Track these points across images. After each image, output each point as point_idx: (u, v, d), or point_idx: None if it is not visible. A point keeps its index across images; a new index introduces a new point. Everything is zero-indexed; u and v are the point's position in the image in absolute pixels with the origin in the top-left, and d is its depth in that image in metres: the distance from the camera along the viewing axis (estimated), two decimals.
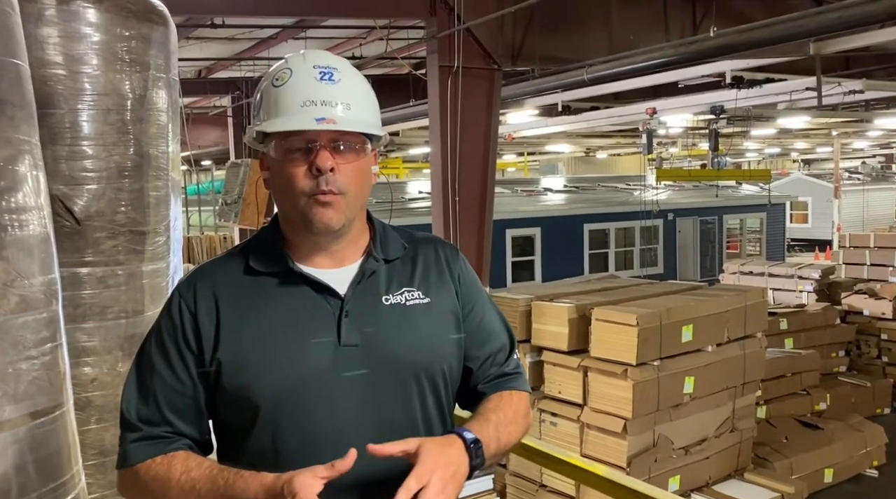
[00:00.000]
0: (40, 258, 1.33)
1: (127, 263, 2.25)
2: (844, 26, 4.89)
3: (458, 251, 1.46)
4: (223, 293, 1.28)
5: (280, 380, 1.24)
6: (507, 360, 1.43)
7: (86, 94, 2.15)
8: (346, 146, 1.25)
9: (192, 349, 1.27)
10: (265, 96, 1.27)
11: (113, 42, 2.19)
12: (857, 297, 8.37)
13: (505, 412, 1.35)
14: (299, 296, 1.27)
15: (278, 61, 1.32)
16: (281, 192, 1.27)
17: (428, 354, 1.31)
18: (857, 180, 24.80)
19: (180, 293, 1.30)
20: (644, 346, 4.65)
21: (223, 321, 1.26)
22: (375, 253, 1.33)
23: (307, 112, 1.22)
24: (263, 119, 1.26)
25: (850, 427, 6.27)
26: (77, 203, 2.15)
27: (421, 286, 1.34)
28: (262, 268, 1.29)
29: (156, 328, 1.32)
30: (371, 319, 1.28)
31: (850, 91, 8.01)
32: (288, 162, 1.24)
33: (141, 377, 1.29)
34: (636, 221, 14.83)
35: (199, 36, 7.96)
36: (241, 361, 1.24)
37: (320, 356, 1.25)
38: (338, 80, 1.25)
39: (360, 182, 1.27)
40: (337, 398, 1.24)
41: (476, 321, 1.40)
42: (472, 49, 6.17)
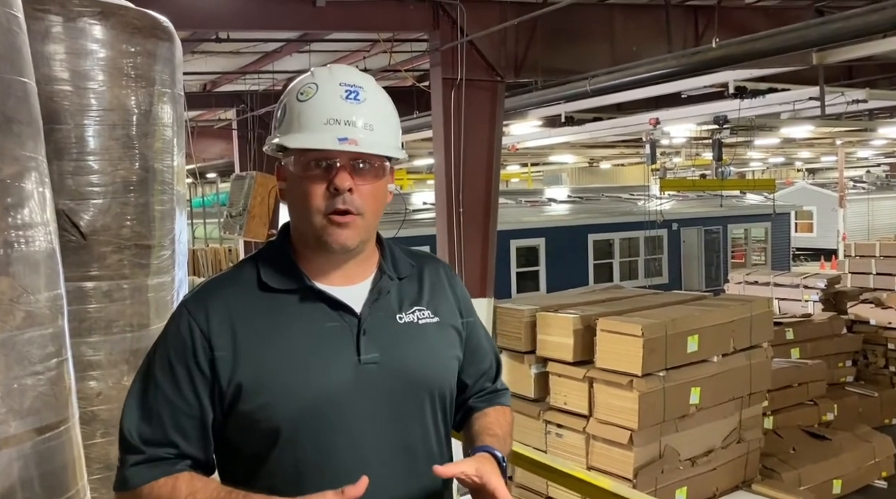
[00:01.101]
0: (46, 274, 1.34)
1: (132, 277, 2.26)
2: (847, 36, 4.89)
3: (453, 270, 1.49)
4: (238, 313, 1.25)
5: (303, 400, 1.22)
6: (497, 377, 1.48)
7: (92, 110, 2.17)
8: (365, 167, 1.24)
9: (202, 370, 1.23)
10: (289, 109, 1.26)
11: (119, 58, 2.21)
12: (863, 306, 8.34)
13: (503, 427, 1.40)
14: (317, 314, 1.26)
15: (303, 74, 1.31)
16: (297, 207, 1.26)
17: (440, 373, 1.33)
18: (861, 189, 24.73)
19: (189, 311, 1.26)
20: (649, 356, 4.64)
21: (241, 342, 1.23)
22: (389, 271, 1.33)
23: (330, 130, 1.21)
24: (285, 132, 1.25)
25: (858, 438, 6.23)
26: (83, 218, 2.16)
27: (430, 305, 1.35)
28: (276, 285, 1.27)
29: (161, 346, 1.27)
30: (388, 338, 1.28)
31: (853, 100, 8.01)
32: (306, 178, 1.23)
33: (144, 397, 1.25)
34: (640, 232, 14.82)
35: (204, 50, 8.01)
36: (264, 382, 1.21)
37: (342, 375, 1.24)
38: (363, 100, 1.24)
39: (377, 203, 1.27)
40: (358, 416, 1.24)
41: (474, 341, 1.43)
42: (476, 61, 6.20)
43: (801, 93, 8.03)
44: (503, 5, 6.29)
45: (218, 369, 1.22)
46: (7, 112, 1.23)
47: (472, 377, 1.43)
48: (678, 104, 9.51)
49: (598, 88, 6.44)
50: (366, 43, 7.89)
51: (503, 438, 1.36)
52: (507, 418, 1.44)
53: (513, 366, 5.40)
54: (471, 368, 1.42)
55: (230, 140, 11.61)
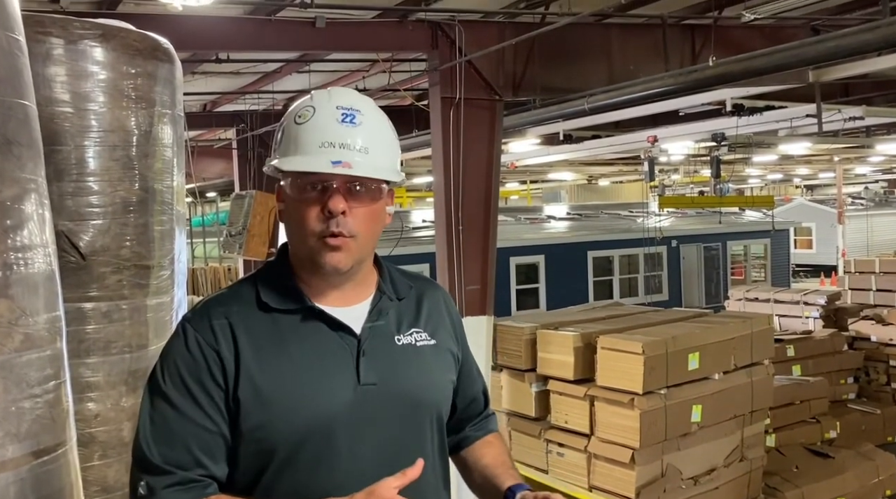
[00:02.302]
0: (45, 296, 1.34)
1: (131, 297, 2.26)
2: (842, 54, 4.93)
3: (449, 295, 1.52)
4: (240, 329, 1.25)
5: (302, 421, 1.21)
6: (486, 402, 1.53)
7: (92, 131, 2.18)
8: (361, 189, 1.24)
9: (218, 384, 1.22)
10: (286, 132, 1.27)
11: (119, 80, 2.23)
12: (864, 323, 8.32)
13: (505, 452, 1.47)
14: (317, 334, 1.26)
15: (303, 95, 1.33)
16: (293, 228, 1.27)
17: (437, 395, 1.35)
18: (860, 206, 24.77)
19: (195, 328, 1.25)
20: (650, 374, 4.62)
21: (242, 358, 1.23)
22: (388, 292, 1.34)
23: (324, 153, 1.22)
24: (282, 155, 1.26)
25: (862, 456, 6.18)
26: (82, 238, 2.16)
27: (427, 327, 1.36)
28: (276, 304, 1.27)
29: (169, 365, 1.24)
30: (386, 359, 1.28)
31: (850, 118, 8.05)
32: (302, 201, 1.24)
33: (160, 419, 1.21)
34: (640, 248, 14.82)
35: (204, 71, 8.07)
36: (262, 401, 1.21)
37: (341, 396, 1.24)
38: (359, 123, 1.24)
39: (372, 225, 1.27)
40: (357, 439, 1.24)
41: (467, 366, 1.46)
42: (474, 80, 6.24)
43: (798, 110, 8.07)
44: (501, 25, 6.35)
45: (228, 383, 1.22)
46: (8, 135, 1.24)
47: (463, 401, 1.46)
48: (676, 122, 9.55)
49: (596, 107, 6.47)
50: (365, 63, 7.95)
51: (512, 464, 1.43)
52: (503, 444, 1.51)
53: (513, 384, 5.38)
54: (462, 391, 1.45)
55: (230, 159, 11.65)
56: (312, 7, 5.17)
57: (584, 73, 6.68)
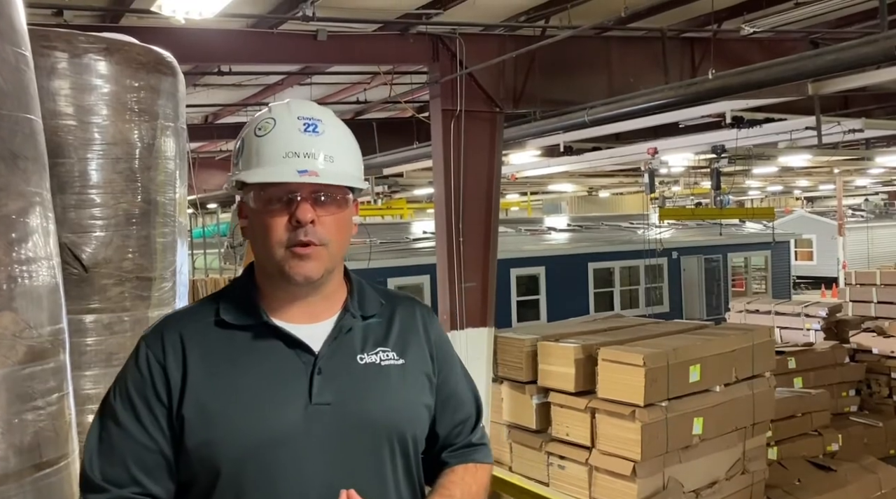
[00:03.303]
0: (49, 308, 1.34)
1: (133, 309, 2.27)
2: (841, 68, 4.95)
3: (434, 313, 1.42)
4: (192, 345, 1.22)
5: (247, 440, 1.17)
6: (474, 429, 1.40)
7: (95, 144, 2.20)
8: (327, 198, 1.22)
9: (162, 402, 1.20)
10: (247, 145, 1.25)
11: (123, 93, 2.24)
12: (865, 335, 8.30)
13: (469, 486, 1.31)
14: (271, 351, 1.23)
15: (264, 110, 1.31)
16: (259, 242, 1.24)
17: (400, 418, 1.27)
18: (860, 217, 24.79)
19: (147, 344, 1.24)
20: (651, 386, 4.61)
21: (190, 374, 1.20)
22: (353, 309, 1.29)
23: (289, 163, 1.20)
24: (244, 168, 1.24)
25: (864, 469, 6.16)
26: (85, 250, 2.17)
27: (396, 347, 1.30)
28: (233, 320, 1.24)
29: (120, 381, 1.24)
30: (345, 378, 1.23)
31: (849, 130, 8.07)
32: (267, 213, 1.21)
33: (106, 435, 1.21)
34: (640, 260, 14.82)
35: (206, 83, 8.11)
36: (207, 418, 1.18)
37: (290, 415, 1.19)
38: (321, 132, 1.24)
39: (341, 234, 1.25)
40: (306, 460, 1.19)
41: (448, 389, 1.36)
42: (475, 93, 6.27)
43: (797, 122, 8.09)
44: (502, 38, 6.39)
45: (172, 399, 1.20)
46: (14, 148, 1.25)
47: (445, 428, 1.35)
48: (676, 134, 9.58)
49: (597, 119, 6.50)
50: (366, 75, 7.98)
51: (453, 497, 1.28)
52: (475, 477, 1.34)
53: (514, 396, 5.37)
54: (443, 418, 1.34)
55: None
56: (314, 20, 5.20)
57: (584, 85, 6.72)
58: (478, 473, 1.35)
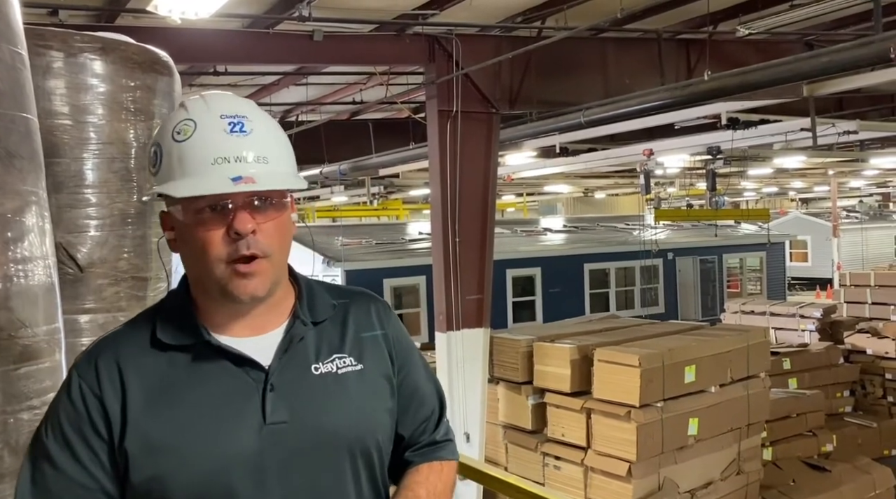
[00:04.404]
0: (44, 307, 1.34)
1: (128, 309, 2.26)
2: (836, 69, 4.97)
3: (389, 308, 1.33)
4: (129, 371, 1.11)
5: (199, 471, 1.08)
6: (438, 426, 1.32)
7: (91, 144, 2.19)
8: (264, 203, 1.11)
9: (101, 436, 1.10)
10: (165, 152, 1.11)
11: (118, 92, 2.24)
12: (859, 336, 8.33)
13: (434, 486, 1.25)
14: (217, 371, 1.12)
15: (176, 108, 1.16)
16: (193, 258, 1.12)
17: (363, 428, 1.18)
18: (854, 219, 24.89)
19: (80, 374, 1.12)
20: (647, 387, 4.62)
21: (130, 404, 1.10)
22: (303, 316, 1.19)
23: (219, 171, 1.07)
24: (165, 179, 1.10)
25: (858, 469, 6.18)
26: (80, 250, 2.16)
27: (353, 351, 1.20)
28: (171, 340, 1.13)
29: (52, 417, 1.12)
30: (300, 393, 1.14)
31: (844, 132, 8.11)
32: (199, 225, 1.09)
33: (40, 477, 1.10)
34: (636, 261, 14.85)
35: (201, 83, 8.09)
36: (151, 452, 1.08)
37: (244, 439, 1.10)
38: (249, 131, 1.11)
39: (283, 239, 1.14)
40: (264, 485, 1.10)
41: (410, 387, 1.27)
42: (471, 94, 6.28)
43: (792, 124, 8.12)
44: (498, 39, 6.40)
45: (113, 433, 1.10)
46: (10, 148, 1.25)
47: (408, 428, 1.27)
48: (672, 135, 9.60)
49: (592, 120, 6.51)
50: (362, 76, 7.98)
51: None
52: (441, 475, 1.27)
53: (509, 397, 5.37)
54: (406, 417, 1.26)
55: None
56: (310, 20, 5.20)
57: (580, 86, 6.73)
58: (443, 471, 1.28)
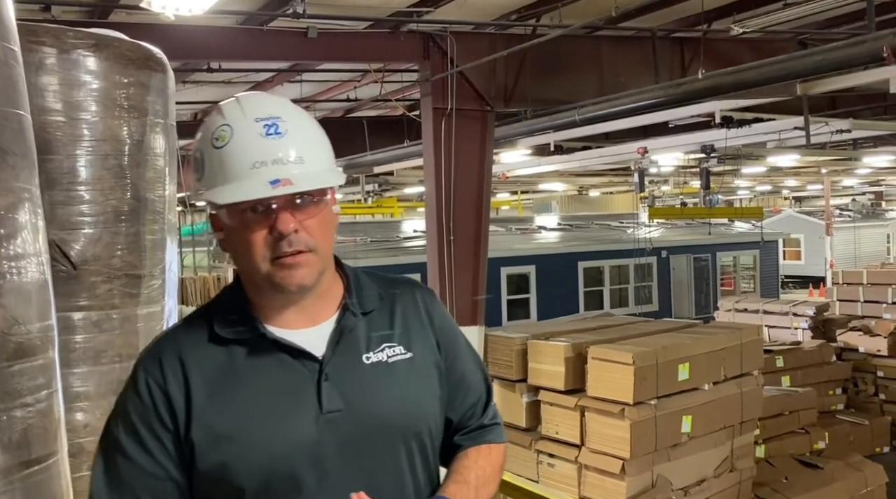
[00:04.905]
0: (38, 305, 1.34)
1: (122, 306, 2.25)
2: (829, 68, 5.00)
3: (435, 295, 1.38)
4: (192, 364, 1.18)
5: (263, 459, 1.14)
6: (486, 410, 1.37)
7: (84, 141, 2.18)
8: (305, 201, 1.15)
9: (168, 428, 1.16)
10: (207, 159, 1.16)
11: (112, 89, 2.23)
12: (851, 334, 8.37)
13: (483, 469, 1.29)
14: (273, 363, 1.18)
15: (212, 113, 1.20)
16: (241, 257, 1.17)
17: (415, 415, 1.23)
18: (847, 217, 25.01)
19: (146, 369, 1.19)
20: (641, 385, 4.63)
21: (194, 396, 1.16)
22: (352, 307, 1.24)
23: (258, 175, 1.11)
24: (209, 186, 1.15)
25: (850, 466, 6.21)
26: (73, 247, 2.16)
27: (402, 340, 1.25)
28: (229, 335, 1.19)
29: (121, 410, 1.19)
30: (353, 382, 1.19)
31: (837, 130, 8.14)
32: (243, 227, 1.14)
33: (111, 466, 1.17)
34: (630, 259, 14.88)
35: (195, 80, 8.07)
36: (216, 441, 1.15)
37: (303, 427, 1.16)
38: (284, 132, 1.14)
39: (326, 232, 1.19)
40: (323, 470, 1.16)
41: (457, 374, 1.32)
42: (466, 91, 6.28)
43: (786, 122, 8.16)
44: (493, 37, 6.40)
45: (178, 424, 1.16)
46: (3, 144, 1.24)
47: (457, 412, 1.32)
48: (666, 133, 9.62)
49: (587, 118, 6.52)
50: (357, 73, 7.97)
51: (475, 485, 1.25)
52: (489, 459, 1.32)
53: (504, 394, 5.37)
54: (455, 402, 1.31)
55: None
56: (304, 17, 5.19)
57: (574, 84, 6.74)
58: (491, 454, 1.33)
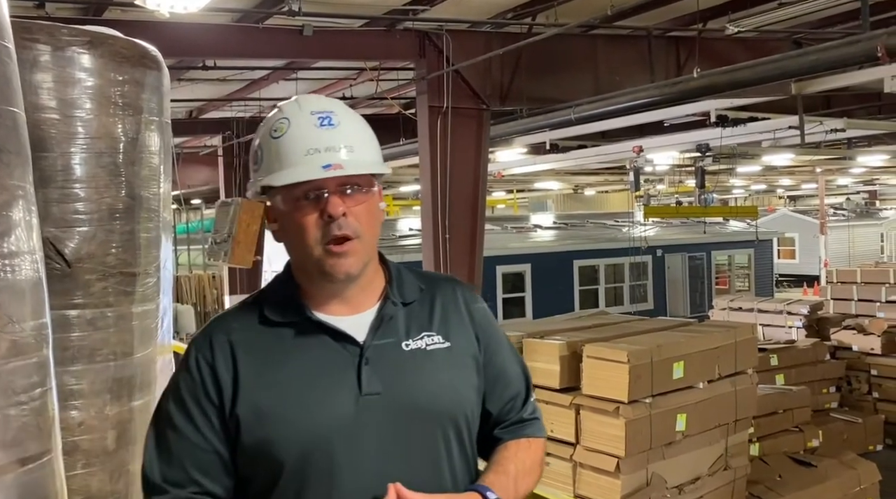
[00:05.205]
0: (32, 303, 1.33)
1: (117, 304, 2.25)
2: (824, 67, 5.01)
3: (475, 292, 1.43)
4: (240, 345, 1.26)
5: (303, 435, 1.21)
6: (525, 405, 1.42)
7: (79, 138, 2.18)
8: (354, 189, 1.24)
9: (213, 403, 1.24)
10: (265, 149, 1.27)
11: (106, 86, 2.22)
12: (845, 332, 8.40)
13: (523, 462, 1.34)
14: (317, 345, 1.26)
15: (272, 111, 1.31)
16: (294, 242, 1.26)
17: (451, 401, 1.29)
18: (842, 216, 25.09)
19: (197, 347, 1.28)
20: (636, 383, 4.64)
21: (241, 374, 1.24)
22: (393, 297, 1.31)
23: (312, 161, 1.22)
24: (267, 172, 1.25)
25: (844, 464, 6.23)
26: (68, 245, 2.15)
27: (441, 330, 1.32)
28: (277, 318, 1.27)
29: (173, 385, 1.29)
30: (392, 367, 1.26)
31: (831, 130, 8.17)
32: (297, 212, 1.23)
33: (162, 438, 1.26)
34: (625, 258, 14.91)
35: (190, 77, 8.05)
36: (261, 416, 1.22)
37: (342, 407, 1.22)
38: (337, 124, 1.25)
39: (372, 222, 1.28)
40: (360, 451, 1.22)
41: (496, 367, 1.37)
42: (461, 90, 6.28)
43: (781, 122, 8.18)
44: (488, 35, 6.40)
45: (224, 401, 1.24)
46: None
47: (496, 405, 1.37)
48: (661, 132, 9.64)
49: (583, 117, 6.53)
50: (352, 71, 7.97)
51: (514, 476, 1.30)
52: (529, 452, 1.37)
53: None
54: (493, 395, 1.37)
55: (216, 166, 11.63)
56: (300, 15, 5.18)
57: (570, 83, 6.74)
58: (531, 447, 1.38)
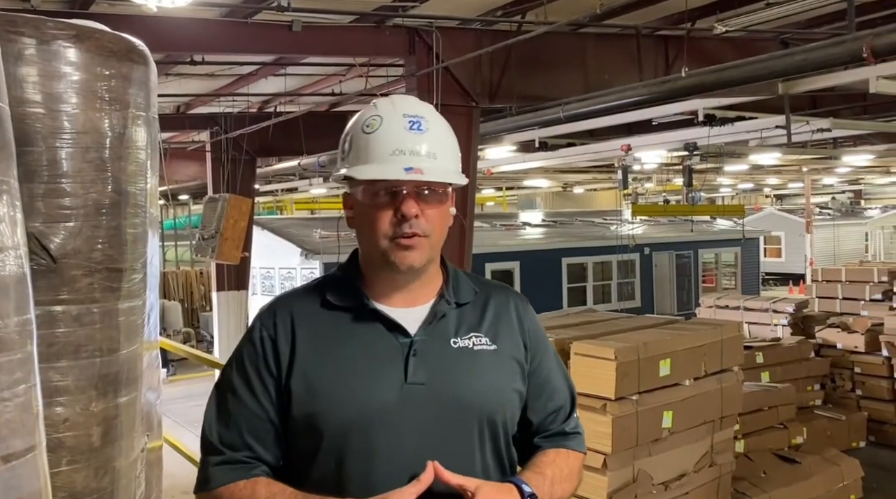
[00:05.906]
0: (16, 298, 1.32)
1: (103, 300, 2.23)
2: (810, 68, 5.05)
3: (527, 302, 1.48)
4: (300, 322, 1.33)
5: (347, 412, 1.27)
6: (568, 418, 1.46)
7: (64, 133, 2.15)
8: (430, 193, 1.31)
9: (272, 374, 1.31)
10: (355, 141, 1.33)
11: (93, 81, 2.20)
12: (830, 330, 8.48)
13: (560, 469, 1.38)
14: (371, 332, 1.32)
15: (369, 105, 1.37)
16: (365, 233, 1.33)
17: (491, 401, 1.33)
18: (827, 215, 25.31)
19: (261, 320, 1.36)
20: (623, 380, 4.66)
21: (298, 348, 1.31)
22: (447, 296, 1.37)
23: (396, 161, 1.28)
24: (353, 164, 1.32)
25: (827, 461, 6.30)
26: (53, 241, 2.13)
27: (489, 333, 1.37)
28: (338, 302, 1.34)
29: (237, 354, 1.37)
30: (438, 361, 1.31)
31: (817, 129, 8.23)
32: (374, 206, 1.30)
33: (222, 402, 1.34)
34: (613, 256, 14.98)
35: (178, 72, 8.00)
36: (312, 391, 1.29)
37: (387, 392, 1.28)
38: (425, 130, 1.31)
39: (442, 225, 1.34)
40: (399, 434, 1.27)
41: (542, 376, 1.42)
42: (451, 87, 6.27)
43: (768, 121, 8.23)
44: (478, 33, 6.39)
45: (281, 372, 1.31)
46: None
47: (538, 415, 1.41)
48: (649, 131, 9.68)
49: (571, 115, 6.54)
50: (341, 67, 7.94)
51: (550, 478, 1.34)
52: (567, 461, 1.41)
53: None
54: (537, 404, 1.41)
55: (203, 162, 11.55)
56: (289, 10, 5.16)
57: (559, 81, 6.75)
58: (570, 457, 1.42)
